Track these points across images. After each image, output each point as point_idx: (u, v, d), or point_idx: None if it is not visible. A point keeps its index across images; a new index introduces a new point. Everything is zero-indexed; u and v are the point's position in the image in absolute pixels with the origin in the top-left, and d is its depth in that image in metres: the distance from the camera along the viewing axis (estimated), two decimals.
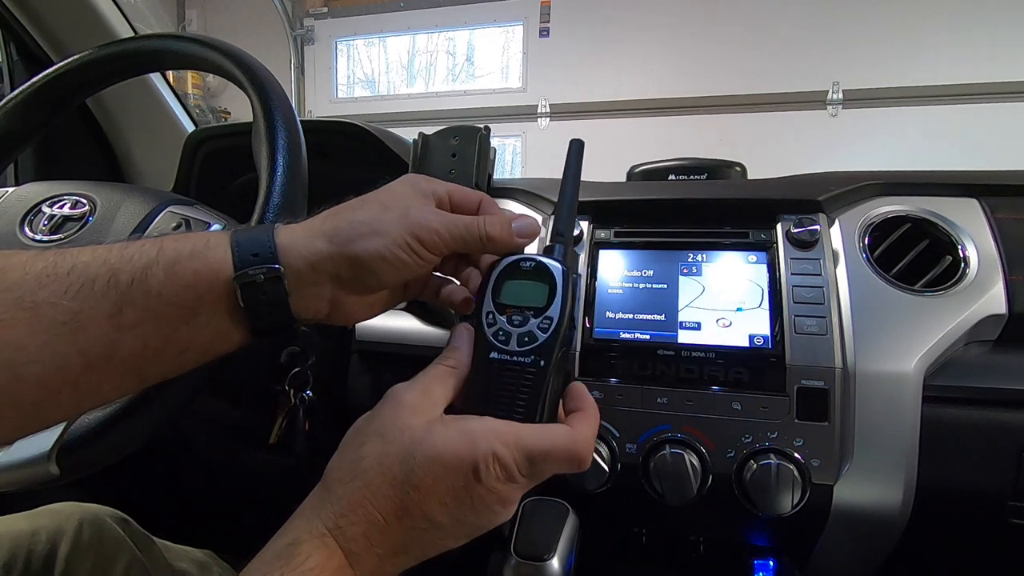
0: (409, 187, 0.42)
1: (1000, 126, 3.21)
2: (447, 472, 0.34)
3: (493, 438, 0.35)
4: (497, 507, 0.36)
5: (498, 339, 0.39)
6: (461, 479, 0.34)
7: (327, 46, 4.54)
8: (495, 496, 0.35)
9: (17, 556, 0.57)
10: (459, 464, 0.34)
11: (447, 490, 0.34)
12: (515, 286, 0.40)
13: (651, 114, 3.83)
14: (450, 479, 0.34)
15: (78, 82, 0.60)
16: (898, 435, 0.58)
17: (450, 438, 0.35)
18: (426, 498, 0.34)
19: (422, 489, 0.34)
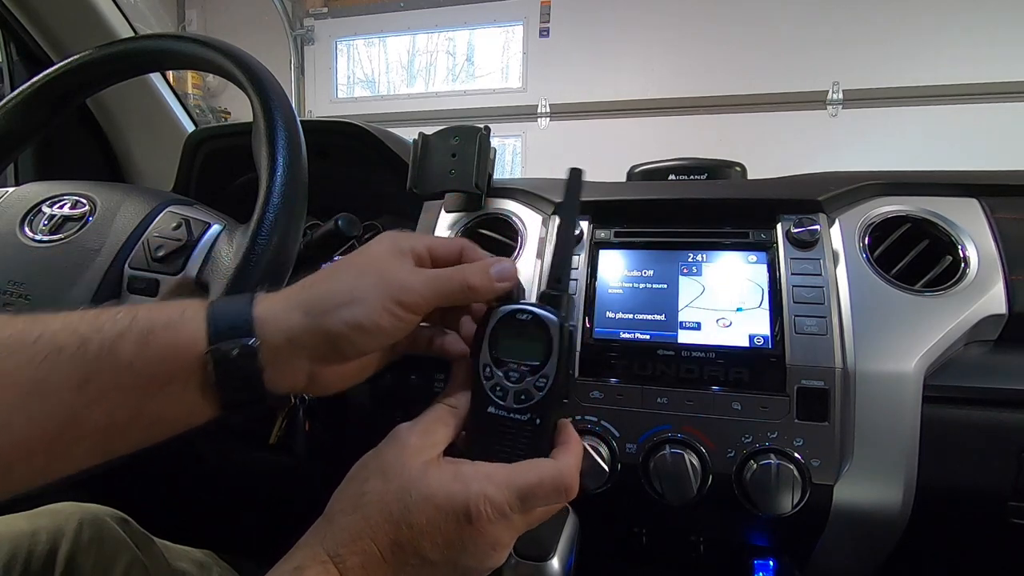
0: (386, 247, 0.41)
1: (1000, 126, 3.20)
2: (439, 512, 0.36)
3: (485, 481, 0.37)
4: (489, 551, 0.37)
5: (495, 394, 0.40)
6: (453, 520, 0.36)
7: (327, 46, 4.53)
8: (487, 539, 0.37)
9: (17, 556, 0.57)
10: (451, 505, 0.36)
11: (439, 530, 0.36)
12: (511, 339, 0.40)
13: (651, 114, 3.83)
14: (442, 520, 0.36)
15: (78, 82, 0.60)
16: (898, 435, 0.58)
17: (444, 480, 0.37)
18: (419, 537, 0.36)
19: (415, 528, 0.35)
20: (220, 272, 0.50)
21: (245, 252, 0.46)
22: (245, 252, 0.46)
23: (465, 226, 0.78)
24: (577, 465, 0.40)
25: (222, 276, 0.47)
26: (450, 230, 0.79)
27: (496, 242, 0.77)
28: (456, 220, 0.79)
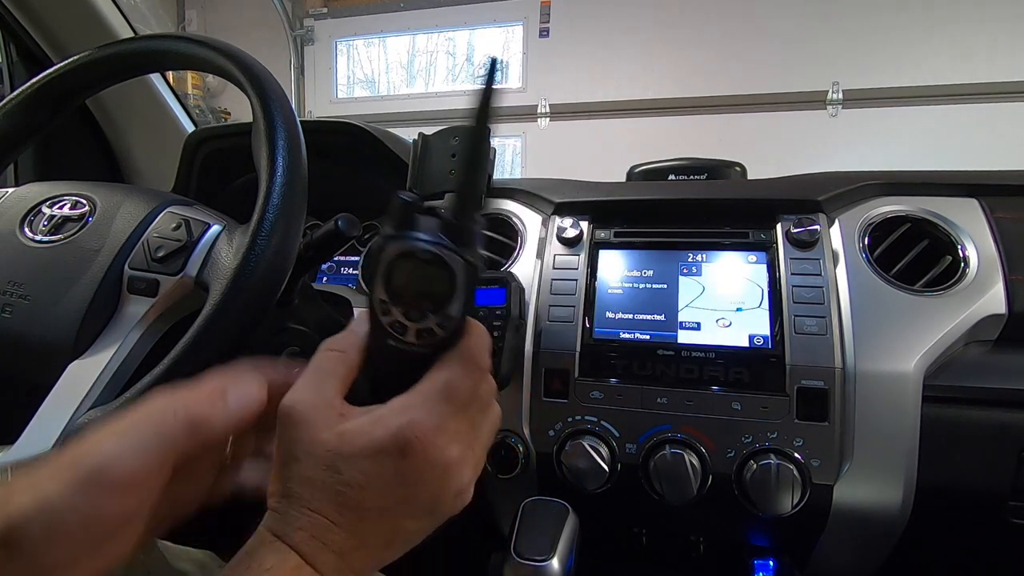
0: None
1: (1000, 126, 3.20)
2: (372, 463, 0.34)
3: (402, 411, 0.35)
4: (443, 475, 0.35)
5: (395, 330, 0.36)
6: (389, 463, 0.34)
7: (327, 46, 4.53)
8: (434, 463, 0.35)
9: None
10: (381, 449, 0.34)
11: (381, 478, 0.34)
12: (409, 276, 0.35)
13: (651, 114, 3.83)
14: (378, 467, 0.34)
15: (78, 83, 0.60)
16: (898, 435, 0.58)
17: (363, 430, 0.34)
18: (364, 492, 0.34)
19: (355, 485, 0.34)
20: (220, 272, 0.50)
21: (245, 252, 0.46)
22: (245, 252, 0.46)
23: None
24: (479, 339, 0.38)
25: (222, 276, 0.47)
26: None
27: (496, 242, 0.77)
28: None
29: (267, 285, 0.48)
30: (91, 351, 0.50)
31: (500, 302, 0.63)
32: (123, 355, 0.50)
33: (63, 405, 0.46)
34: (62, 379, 0.48)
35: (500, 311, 0.63)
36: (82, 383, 0.47)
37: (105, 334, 0.52)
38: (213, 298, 0.46)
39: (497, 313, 0.63)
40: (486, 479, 0.68)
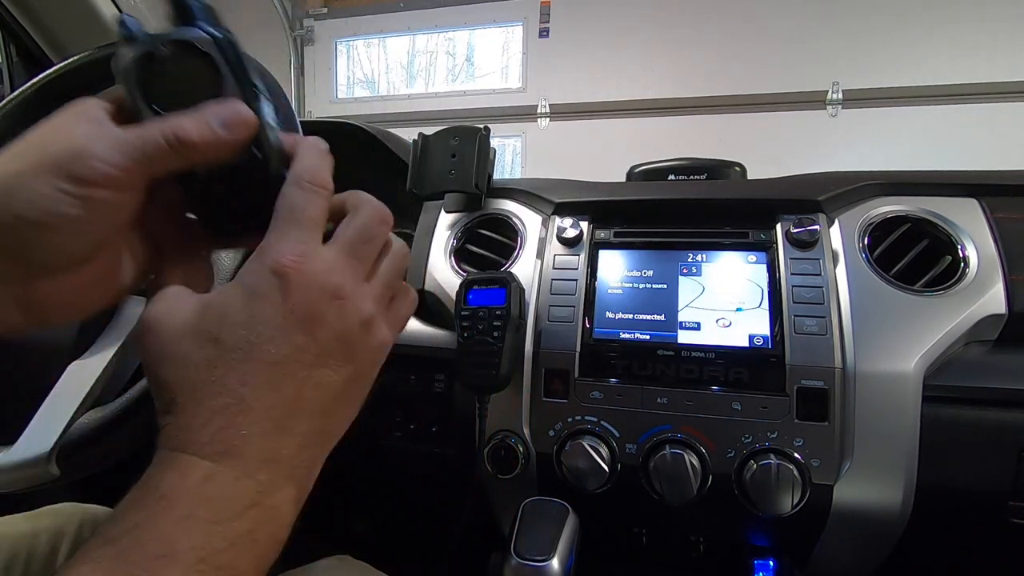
0: (70, 108, 0.30)
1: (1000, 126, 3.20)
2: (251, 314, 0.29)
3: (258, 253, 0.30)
4: (332, 305, 0.30)
5: None
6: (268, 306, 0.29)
7: (327, 46, 4.53)
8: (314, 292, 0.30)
9: (17, 557, 0.57)
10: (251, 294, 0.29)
11: (265, 325, 0.29)
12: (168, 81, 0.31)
13: (651, 114, 3.82)
14: (259, 315, 0.29)
15: (78, 83, 0.60)
16: (898, 435, 0.58)
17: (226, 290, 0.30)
18: (253, 349, 0.28)
19: (243, 346, 0.28)
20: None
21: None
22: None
23: (464, 226, 0.78)
24: (314, 147, 0.34)
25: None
26: (449, 230, 0.79)
27: (495, 242, 0.77)
28: (455, 220, 0.79)
29: None
30: (91, 351, 0.50)
31: (500, 302, 0.64)
32: (123, 356, 0.50)
33: (63, 405, 0.46)
34: (62, 379, 0.48)
35: (500, 311, 0.63)
36: (82, 383, 0.48)
37: (105, 335, 0.52)
38: None
39: (497, 313, 0.63)
40: (486, 479, 0.68)
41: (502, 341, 0.62)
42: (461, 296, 0.66)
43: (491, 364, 0.62)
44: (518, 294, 0.65)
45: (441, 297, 0.73)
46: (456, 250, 0.77)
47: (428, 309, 0.76)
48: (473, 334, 0.63)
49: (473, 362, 0.62)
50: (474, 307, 0.64)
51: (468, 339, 0.63)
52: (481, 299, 0.65)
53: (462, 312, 0.64)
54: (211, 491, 0.26)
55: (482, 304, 0.64)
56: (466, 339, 0.63)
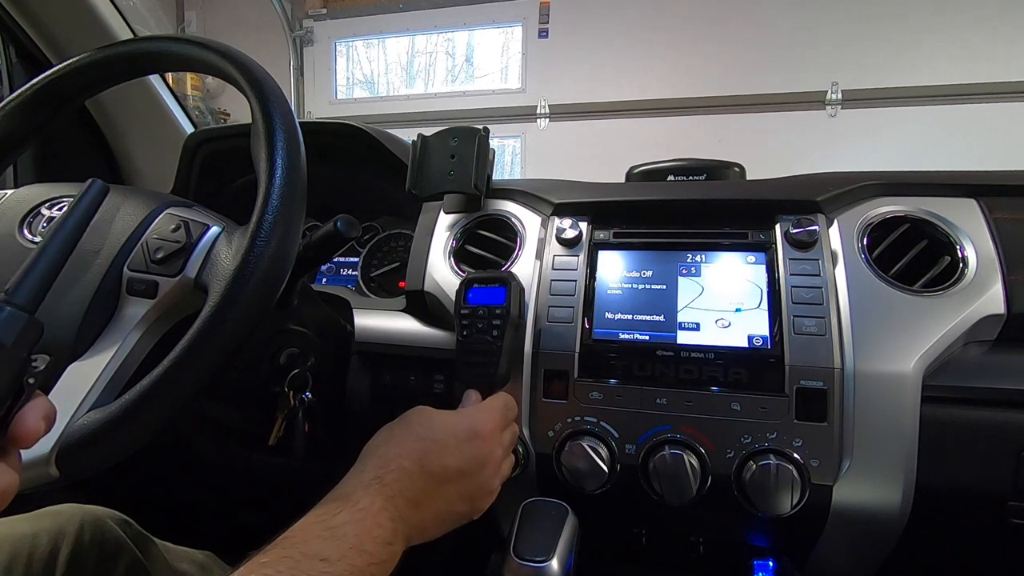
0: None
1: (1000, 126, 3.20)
2: (454, 433, 0.49)
3: (475, 411, 0.54)
4: (493, 465, 0.52)
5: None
6: (465, 437, 0.50)
7: (326, 47, 4.53)
8: (490, 452, 0.51)
9: (18, 558, 0.57)
10: (463, 426, 0.50)
11: (457, 445, 0.49)
12: None
13: (651, 114, 3.82)
14: (457, 437, 0.49)
15: (77, 84, 0.60)
16: (897, 435, 0.58)
17: (450, 414, 0.52)
18: (442, 450, 0.48)
19: (439, 442, 0.48)
20: (220, 274, 0.50)
21: (244, 254, 0.46)
22: (244, 254, 0.46)
23: (464, 227, 0.78)
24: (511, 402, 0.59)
25: (222, 278, 0.47)
26: (449, 231, 0.79)
27: (495, 243, 0.77)
28: (455, 221, 0.79)
29: (266, 286, 0.48)
30: (90, 353, 0.50)
31: (500, 301, 0.64)
32: (122, 357, 0.50)
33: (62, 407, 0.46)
34: (61, 381, 0.48)
35: (500, 310, 0.63)
36: (81, 385, 0.47)
37: (104, 336, 0.52)
38: (212, 300, 0.46)
39: (497, 312, 0.63)
40: None
41: (501, 340, 0.62)
42: (461, 295, 0.66)
43: (490, 363, 0.62)
44: (518, 293, 0.65)
45: (440, 298, 0.73)
46: (455, 251, 0.77)
47: (427, 310, 0.76)
48: (472, 332, 0.63)
49: (472, 361, 0.63)
50: (474, 306, 0.65)
51: (467, 338, 0.63)
52: (481, 298, 0.65)
53: (462, 311, 0.65)
54: (381, 520, 0.43)
55: (482, 303, 0.64)
56: (465, 338, 0.64)
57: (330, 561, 0.38)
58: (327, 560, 0.38)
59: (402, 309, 0.78)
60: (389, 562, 0.42)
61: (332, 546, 0.39)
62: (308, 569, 0.37)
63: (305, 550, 0.38)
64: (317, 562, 0.38)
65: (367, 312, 0.78)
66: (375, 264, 1.03)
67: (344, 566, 0.38)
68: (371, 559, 0.40)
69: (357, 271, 1.03)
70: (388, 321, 0.76)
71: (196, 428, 0.81)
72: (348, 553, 0.39)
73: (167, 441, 0.84)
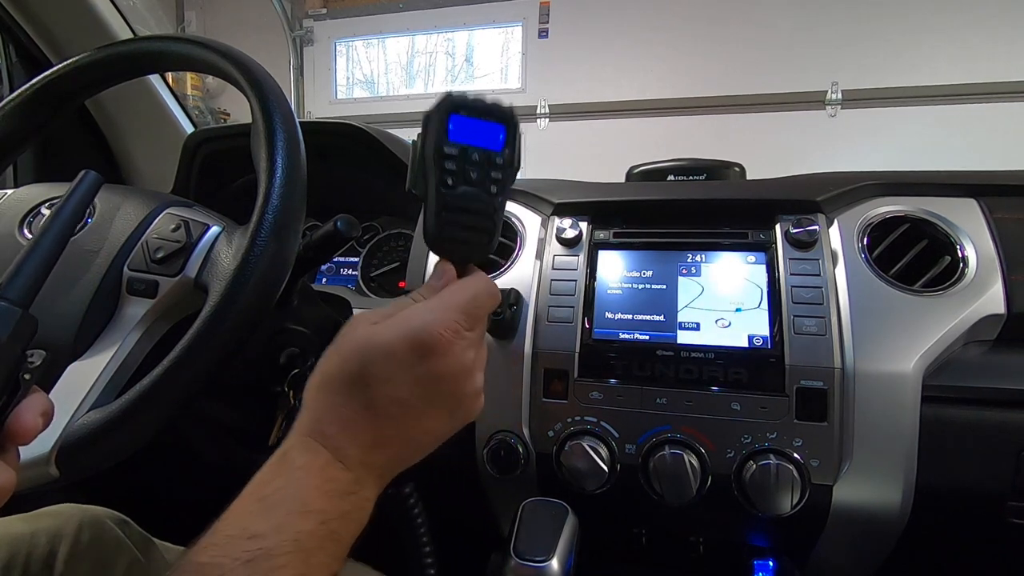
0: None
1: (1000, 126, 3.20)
2: (397, 358, 0.38)
3: (427, 312, 0.39)
4: (465, 376, 0.40)
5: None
6: (415, 358, 0.38)
7: (326, 47, 4.53)
8: (456, 363, 0.39)
9: (16, 558, 0.57)
10: (407, 345, 0.38)
11: (406, 372, 0.38)
12: None
13: (651, 114, 3.82)
14: (403, 363, 0.38)
15: (77, 84, 0.60)
16: (897, 435, 0.58)
17: (390, 330, 0.39)
18: (386, 385, 0.38)
19: (380, 378, 0.38)
20: (220, 274, 0.50)
21: (244, 254, 0.46)
22: (244, 254, 0.46)
23: None
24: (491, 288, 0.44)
25: (222, 278, 0.47)
26: None
27: None
28: None
29: (266, 286, 0.48)
30: (90, 352, 0.50)
31: (496, 146, 0.45)
32: (122, 356, 0.50)
33: (62, 407, 0.46)
34: (61, 380, 0.48)
35: (499, 158, 0.45)
36: (81, 384, 0.47)
37: (104, 335, 0.52)
38: (212, 299, 0.46)
39: (495, 159, 0.44)
40: (486, 479, 0.68)
41: (502, 199, 0.45)
42: (438, 124, 0.44)
43: (483, 228, 0.44)
44: (519, 140, 0.46)
45: None
46: None
47: None
48: (459, 182, 0.44)
49: (455, 221, 0.44)
50: (463, 145, 0.44)
51: (451, 189, 0.44)
52: (470, 135, 0.45)
53: (444, 148, 0.44)
54: (330, 473, 0.36)
55: (472, 143, 0.44)
56: (449, 188, 0.44)
57: (263, 536, 0.33)
58: (258, 536, 0.33)
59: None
60: (355, 511, 0.37)
61: (264, 518, 0.34)
62: (235, 552, 0.32)
63: (232, 531, 0.34)
64: (245, 540, 0.33)
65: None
66: (375, 264, 1.03)
67: (282, 537, 0.33)
68: (324, 516, 0.35)
69: (357, 271, 1.03)
70: None
71: (196, 428, 0.81)
72: (287, 520, 0.34)
73: (167, 441, 0.84)
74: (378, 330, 0.39)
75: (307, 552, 0.34)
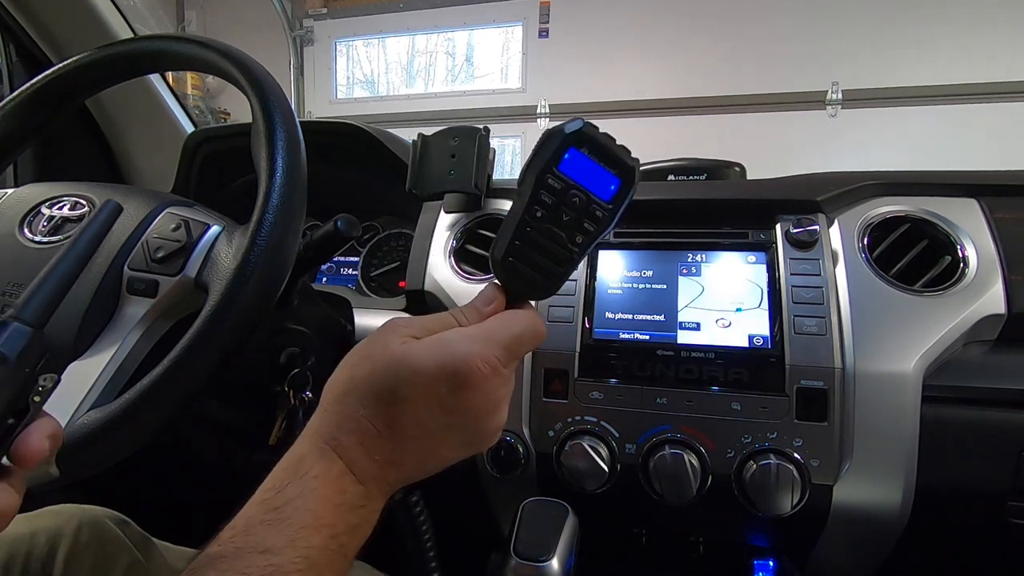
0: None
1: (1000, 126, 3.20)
2: (430, 382, 0.37)
3: (470, 342, 0.38)
4: (492, 408, 0.39)
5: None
6: (446, 386, 0.37)
7: (326, 47, 4.53)
8: (486, 397, 0.38)
9: (16, 558, 0.57)
10: (442, 372, 0.37)
11: (434, 399, 0.37)
12: None
13: (651, 114, 3.83)
14: (434, 388, 0.37)
15: (77, 83, 0.60)
16: (897, 435, 0.58)
17: (429, 351, 0.37)
18: (414, 409, 0.37)
19: (408, 401, 0.37)
20: (220, 273, 0.50)
21: (244, 253, 0.46)
22: (244, 253, 0.46)
23: (464, 227, 0.78)
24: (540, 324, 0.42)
25: (222, 277, 0.47)
26: (449, 231, 0.79)
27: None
28: (455, 221, 0.79)
29: (266, 286, 0.48)
30: (90, 352, 0.50)
31: (606, 196, 0.42)
32: (122, 356, 0.50)
33: (62, 406, 0.46)
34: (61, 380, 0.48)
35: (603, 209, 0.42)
36: (82, 384, 0.47)
37: (104, 335, 0.52)
38: (212, 299, 0.46)
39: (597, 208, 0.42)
40: (486, 479, 0.68)
41: (582, 252, 0.42)
42: (556, 152, 0.42)
43: (552, 273, 0.42)
44: (631, 200, 0.43)
45: (441, 298, 0.73)
46: (456, 250, 0.77)
47: (428, 310, 0.76)
48: (549, 218, 0.41)
49: (525, 252, 0.41)
50: (569, 180, 0.41)
51: (540, 221, 0.41)
52: (582, 174, 0.42)
53: (547, 177, 0.41)
54: (342, 485, 0.36)
55: (581, 183, 0.41)
56: (538, 220, 0.41)
57: (274, 551, 0.32)
58: (270, 551, 0.32)
59: (402, 309, 0.78)
60: (363, 524, 0.37)
61: (277, 531, 0.33)
62: (244, 567, 0.31)
63: (243, 542, 0.33)
64: (257, 555, 0.32)
65: (367, 312, 0.78)
66: (375, 264, 1.03)
67: (294, 553, 0.33)
68: (333, 530, 0.34)
69: (357, 271, 1.03)
70: None
71: (196, 428, 0.81)
72: (299, 535, 0.33)
73: (167, 441, 0.84)
74: (416, 349, 0.38)
75: (317, 569, 0.33)
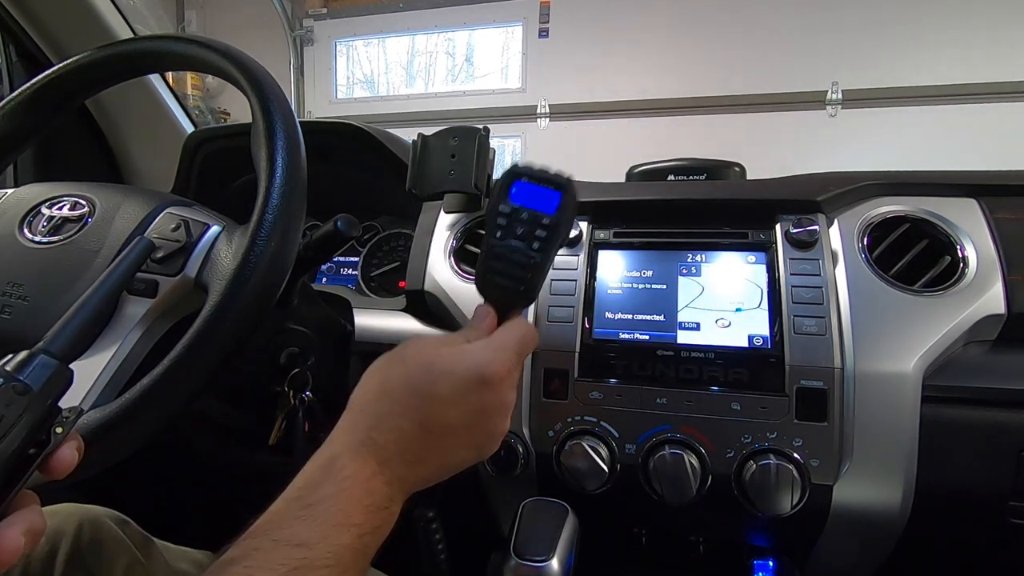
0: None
1: (1000, 126, 3.20)
2: (461, 382, 0.41)
3: (488, 349, 0.43)
4: (503, 411, 0.44)
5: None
6: (474, 387, 0.41)
7: (326, 47, 4.53)
8: (502, 399, 0.43)
9: None
10: (470, 374, 0.41)
11: (463, 398, 0.41)
12: None
13: (651, 114, 3.83)
14: (464, 388, 0.41)
15: (77, 83, 0.60)
16: (897, 435, 0.58)
17: (456, 356, 0.42)
18: (445, 407, 0.40)
19: (440, 398, 0.40)
20: (220, 273, 0.50)
21: (244, 253, 0.46)
22: (244, 253, 0.46)
23: (464, 226, 0.78)
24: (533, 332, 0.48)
25: (222, 277, 0.47)
26: (449, 231, 0.79)
27: None
28: (455, 221, 0.79)
29: (266, 286, 0.48)
30: (91, 352, 0.50)
31: (549, 210, 0.50)
32: (122, 356, 0.50)
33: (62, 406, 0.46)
34: None
35: (547, 220, 0.50)
36: (81, 384, 0.47)
37: (104, 335, 0.52)
38: (212, 299, 0.46)
39: (544, 221, 0.50)
40: (486, 479, 0.68)
41: (544, 256, 0.50)
42: (502, 188, 0.51)
43: (520, 278, 0.49)
44: (573, 207, 0.51)
45: (441, 297, 0.73)
46: (456, 250, 0.77)
47: (428, 309, 0.76)
48: (507, 236, 0.50)
49: (497, 269, 0.50)
50: (516, 205, 0.51)
51: (499, 241, 0.50)
52: (527, 198, 0.51)
53: (500, 208, 0.51)
54: (372, 486, 0.38)
55: (527, 205, 0.51)
56: (497, 240, 0.50)
57: (308, 545, 0.34)
58: (304, 545, 0.34)
59: (402, 309, 0.78)
60: (384, 526, 0.38)
61: (311, 527, 0.35)
62: (281, 559, 0.33)
63: (279, 536, 0.34)
64: (292, 548, 0.34)
65: (367, 312, 0.78)
66: (375, 264, 1.03)
67: (325, 549, 0.34)
68: (360, 530, 0.36)
69: (357, 271, 1.03)
70: (388, 321, 0.76)
71: (196, 428, 0.81)
72: (331, 532, 0.35)
73: (167, 441, 0.84)
74: (445, 354, 0.42)
75: (343, 567, 0.35)
